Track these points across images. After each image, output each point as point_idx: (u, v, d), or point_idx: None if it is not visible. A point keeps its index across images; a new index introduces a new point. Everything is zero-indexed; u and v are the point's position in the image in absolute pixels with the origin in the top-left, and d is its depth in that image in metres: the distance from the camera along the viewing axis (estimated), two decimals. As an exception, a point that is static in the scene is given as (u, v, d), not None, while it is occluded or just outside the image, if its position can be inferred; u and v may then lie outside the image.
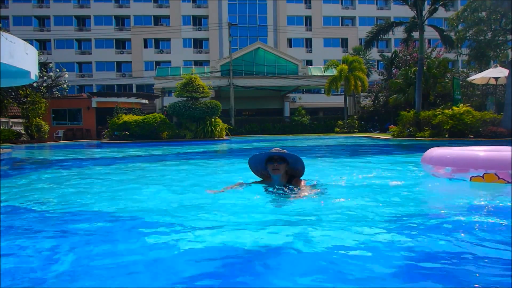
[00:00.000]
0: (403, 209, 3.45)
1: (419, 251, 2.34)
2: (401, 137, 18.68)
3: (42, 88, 25.15)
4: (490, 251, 2.31)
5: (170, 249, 2.43)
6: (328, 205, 3.45)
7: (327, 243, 2.45)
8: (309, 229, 2.73)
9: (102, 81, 48.24)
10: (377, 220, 3.03)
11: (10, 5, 46.58)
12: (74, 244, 2.60)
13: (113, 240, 2.71)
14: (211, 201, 3.78)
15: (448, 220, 3.07)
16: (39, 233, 2.93)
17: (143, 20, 49.63)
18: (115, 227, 3.06)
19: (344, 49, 49.29)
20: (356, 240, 2.51)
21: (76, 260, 2.27)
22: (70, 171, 7.75)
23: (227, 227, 2.86)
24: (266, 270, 2.09)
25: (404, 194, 4.17)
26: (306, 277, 1.97)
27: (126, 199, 4.21)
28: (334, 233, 2.68)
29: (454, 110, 16.66)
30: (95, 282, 1.95)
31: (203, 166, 8.35)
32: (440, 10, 20.50)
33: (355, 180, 5.47)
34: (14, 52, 10.47)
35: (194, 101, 21.41)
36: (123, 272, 2.08)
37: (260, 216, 3.14)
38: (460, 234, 2.69)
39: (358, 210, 3.32)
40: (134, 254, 2.36)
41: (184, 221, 3.07)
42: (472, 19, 22.47)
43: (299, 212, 3.17)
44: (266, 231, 2.72)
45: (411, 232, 2.72)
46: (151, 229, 2.87)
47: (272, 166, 3.55)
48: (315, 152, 12.40)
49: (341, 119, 32.59)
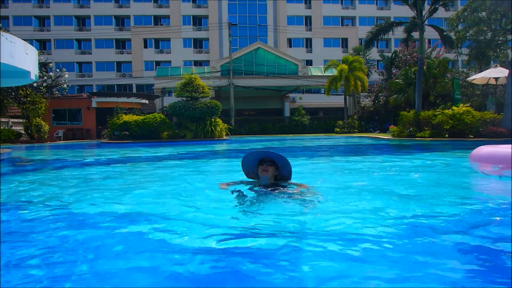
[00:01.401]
0: (394, 209, 3.45)
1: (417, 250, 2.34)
2: (401, 137, 18.69)
3: (42, 88, 25.13)
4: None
5: (155, 249, 2.43)
6: (315, 208, 3.43)
7: (314, 246, 2.45)
8: (295, 229, 2.73)
9: (102, 81, 48.23)
10: (374, 221, 3.03)
11: (10, 5, 46.57)
12: (66, 244, 2.60)
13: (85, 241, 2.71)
14: (205, 202, 3.78)
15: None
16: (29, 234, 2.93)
17: (143, 20, 49.63)
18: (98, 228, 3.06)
19: (344, 49, 49.28)
20: (344, 246, 2.51)
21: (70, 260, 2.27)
22: (66, 171, 7.76)
23: (215, 228, 2.86)
24: (250, 270, 2.08)
25: (398, 193, 4.17)
26: (291, 277, 1.97)
27: (119, 200, 4.21)
28: (320, 235, 2.68)
29: (454, 110, 16.64)
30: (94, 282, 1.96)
31: (202, 166, 8.34)
32: (440, 10, 20.49)
33: (349, 180, 5.47)
34: (14, 52, 10.47)
35: (194, 101, 21.40)
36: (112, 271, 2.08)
37: (240, 216, 3.15)
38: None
39: (348, 214, 3.32)
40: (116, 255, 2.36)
41: (170, 221, 3.08)
42: (472, 19, 22.49)
43: (284, 213, 3.18)
44: (248, 232, 2.73)
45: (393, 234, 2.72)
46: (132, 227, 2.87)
47: (262, 167, 3.66)
48: (314, 152, 12.40)
49: (341, 119, 32.59)
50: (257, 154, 3.79)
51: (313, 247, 2.39)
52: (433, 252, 2.30)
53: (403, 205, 3.62)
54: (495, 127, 16.02)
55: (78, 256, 2.35)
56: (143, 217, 3.29)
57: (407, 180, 5.48)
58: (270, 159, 3.75)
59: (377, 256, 2.24)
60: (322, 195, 3.78)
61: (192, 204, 3.76)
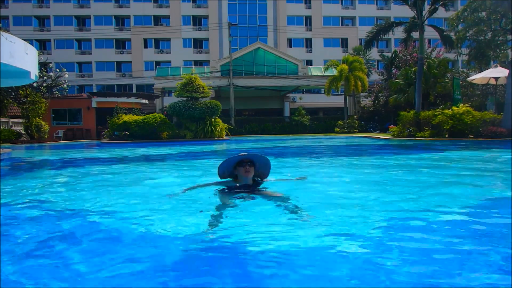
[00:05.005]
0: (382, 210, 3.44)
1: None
2: (401, 137, 18.68)
3: (42, 88, 25.12)
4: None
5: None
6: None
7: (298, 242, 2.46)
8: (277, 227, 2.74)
9: (102, 81, 48.23)
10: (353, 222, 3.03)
11: (10, 5, 46.58)
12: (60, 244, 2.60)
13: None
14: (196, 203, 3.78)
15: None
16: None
17: (143, 20, 49.63)
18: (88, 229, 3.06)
19: (344, 49, 49.29)
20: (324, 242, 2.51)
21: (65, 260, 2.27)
22: (62, 171, 7.75)
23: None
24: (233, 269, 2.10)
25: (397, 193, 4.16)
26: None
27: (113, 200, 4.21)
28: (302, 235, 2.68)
29: (454, 110, 16.63)
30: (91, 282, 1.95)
31: (201, 165, 8.34)
32: (440, 10, 20.47)
33: (350, 180, 5.47)
34: (14, 52, 10.48)
35: (194, 101, 21.40)
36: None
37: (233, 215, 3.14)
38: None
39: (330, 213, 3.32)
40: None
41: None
42: (472, 19, 22.48)
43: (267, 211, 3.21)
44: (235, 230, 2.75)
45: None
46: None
47: (244, 169, 3.69)
48: (313, 152, 12.40)
49: (341, 119, 32.58)
50: (238, 157, 3.76)
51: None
52: (431, 252, 2.30)
53: (398, 203, 3.62)
54: (495, 127, 16.01)
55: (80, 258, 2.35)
56: (118, 215, 3.33)
57: (407, 179, 5.48)
58: (249, 160, 3.75)
59: (376, 257, 2.24)
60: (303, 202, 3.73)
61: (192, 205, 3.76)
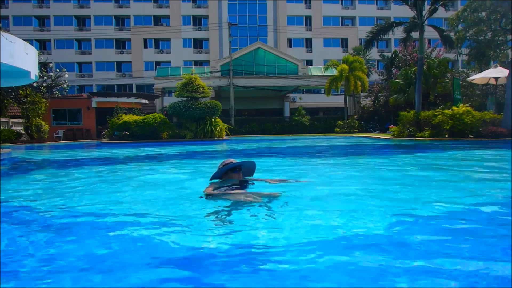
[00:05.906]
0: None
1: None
2: (401, 137, 18.67)
3: (42, 88, 25.12)
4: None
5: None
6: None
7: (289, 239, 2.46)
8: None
9: (102, 81, 48.23)
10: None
11: (10, 5, 46.58)
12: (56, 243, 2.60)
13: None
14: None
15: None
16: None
17: (143, 20, 49.62)
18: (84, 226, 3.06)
19: (344, 49, 49.28)
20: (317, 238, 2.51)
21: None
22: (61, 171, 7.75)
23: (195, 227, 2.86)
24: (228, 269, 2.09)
25: (396, 193, 4.16)
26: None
27: (111, 199, 4.21)
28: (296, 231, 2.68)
29: (454, 110, 16.63)
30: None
31: (201, 165, 8.34)
32: (440, 10, 20.45)
33: (346, 180, 5.47)
34: (14, 52, 10.48)
35: (194, 101, 21.40)
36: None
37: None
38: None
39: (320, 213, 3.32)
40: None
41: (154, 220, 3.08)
42: (472, 19, 22.47)
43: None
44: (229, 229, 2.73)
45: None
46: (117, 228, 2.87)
47: (238, 175, 4.38)
48: (313, 152, 12.40)
49: (341, 119, 32.58)
50: (232, 164, 4.30)
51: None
52: (430, 252, 2.30)
53: (399, 203, 3.62)
54: (495, 127, 16.01)
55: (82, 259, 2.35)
56: (122, 218, 3.32)
57: (406, 179, 5.48)
58: (240, 167, 4.42)
59: (375, 255, 2.24)
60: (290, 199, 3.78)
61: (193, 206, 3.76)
